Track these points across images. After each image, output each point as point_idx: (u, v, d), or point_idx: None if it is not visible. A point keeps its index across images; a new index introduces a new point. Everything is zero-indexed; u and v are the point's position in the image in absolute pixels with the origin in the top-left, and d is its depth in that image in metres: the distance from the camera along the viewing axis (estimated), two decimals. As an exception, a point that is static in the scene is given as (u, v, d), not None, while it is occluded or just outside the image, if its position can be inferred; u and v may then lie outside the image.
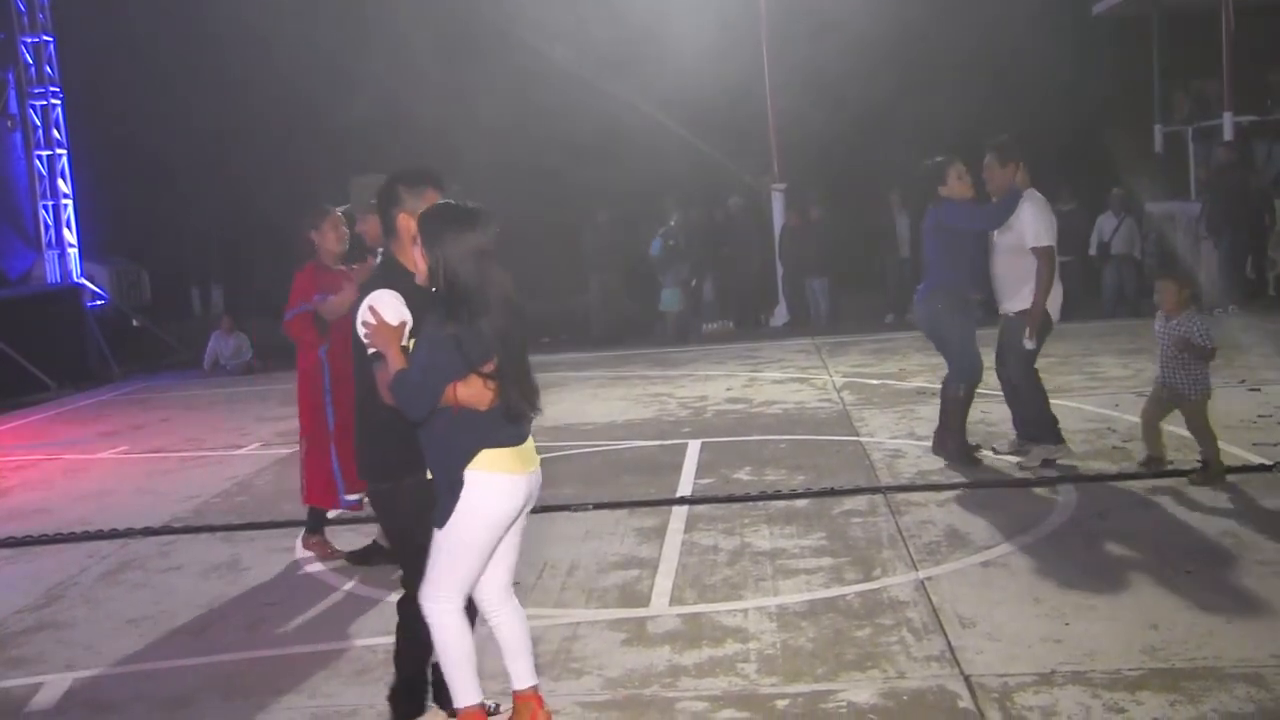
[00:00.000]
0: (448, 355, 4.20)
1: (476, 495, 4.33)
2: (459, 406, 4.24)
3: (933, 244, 8.59)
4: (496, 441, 4.33)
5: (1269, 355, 12.27)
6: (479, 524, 4.37)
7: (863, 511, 7.58)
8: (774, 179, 18.71)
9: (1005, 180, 8.31)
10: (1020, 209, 8.22)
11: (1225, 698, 4.61)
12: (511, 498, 4.41)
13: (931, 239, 8.60)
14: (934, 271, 8.60)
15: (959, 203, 8.41)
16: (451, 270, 4.24)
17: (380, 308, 4.38)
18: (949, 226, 8.40)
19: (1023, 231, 8.25)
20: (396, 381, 4.23)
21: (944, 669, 5.08)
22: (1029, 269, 8.26)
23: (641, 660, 5.42)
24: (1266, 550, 6.28)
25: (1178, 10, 19.26)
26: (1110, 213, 17.46)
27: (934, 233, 8.54)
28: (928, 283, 8.67)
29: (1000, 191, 8.33)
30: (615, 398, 12.65)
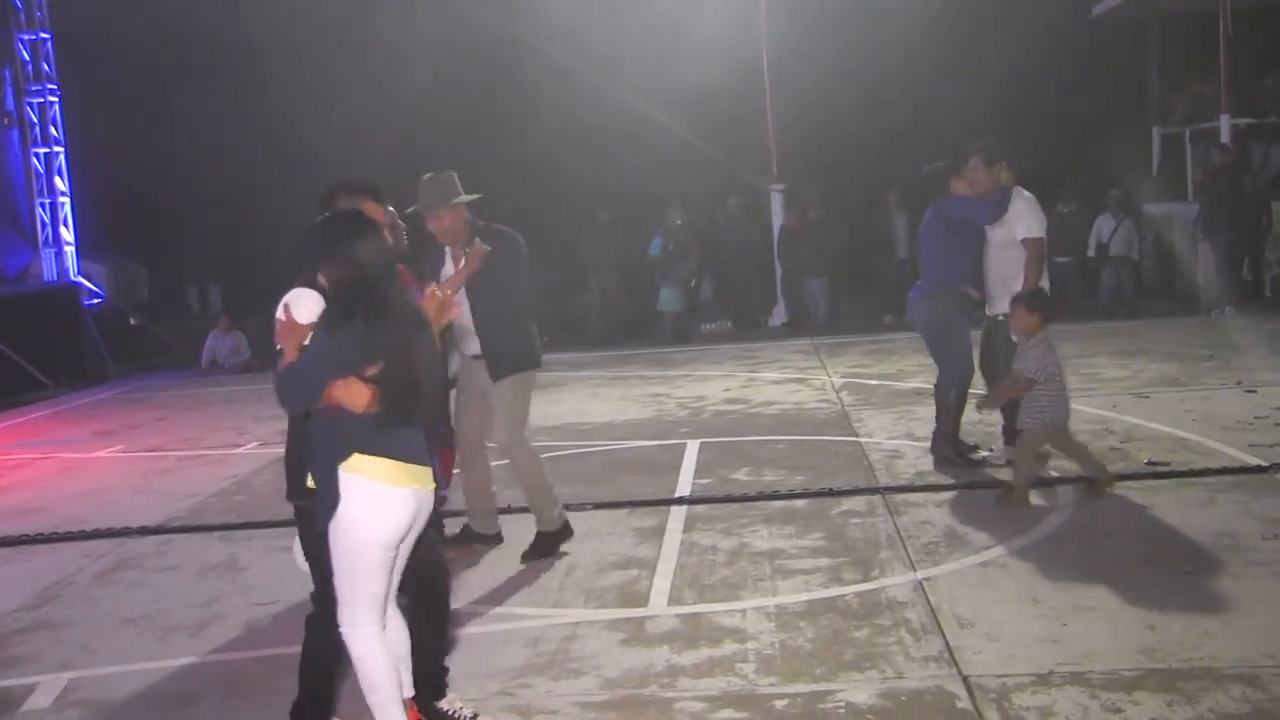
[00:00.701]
0: (328, 355, 4.20)
1: (356, 505, 4.24)
2: (335, 407, 4.22)
3: (937, 241, 8.57)
4: (372, 448, 4.24)
5: (1265, 356, 12.29)
6: (365, 537, 4.27)
7: (861, 512, 7.59)
8: (773, 179, 18.71)
9: (992, 180, 8.38)
10: (1014, 202, 8.32)
11: (1222, 698, 4.62)
12: (391, 512, 4.28)
13: (935, 236, 8.59)
14: (937, 269, 8.58)
15: (963, 196, 8.44)
16: (338, 276, 4.29)
17: (295, 306, 4.40)
18: (954, 218, 8.43)
19: (1014, 225, 8.31)
20: (279, 374, 4.25)
21: (942, 669, 5.08)
22: (1016, 268, 8.29)
23: (640, 660, 5.42)
24: (1263, 551, 6.29)
25: (1175, 13, 19.30)
26: (1108, 214, 17.47)
27: (938, 228, 8.55)
28: (929, 281, 8.64)
29: (988, 192, 8.38)
30: (614, 398, 12.66)
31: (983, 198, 8.39)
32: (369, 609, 4.36)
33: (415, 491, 4.33)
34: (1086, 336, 14.54)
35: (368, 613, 4.36)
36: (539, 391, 13.05)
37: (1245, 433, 9.00)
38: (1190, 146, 18.73)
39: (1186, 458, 8.36)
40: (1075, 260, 17.72)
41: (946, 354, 8.65)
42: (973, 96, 19.38)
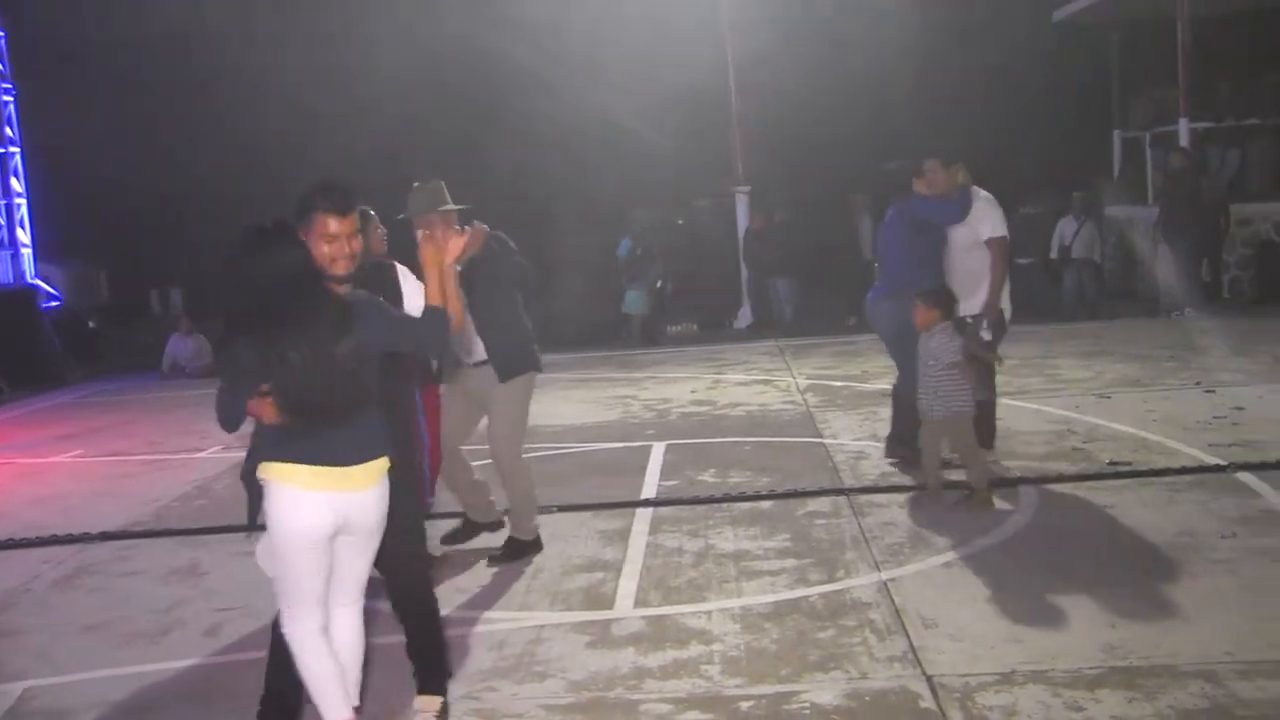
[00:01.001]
0: (231, 373, 4.31)
1: (274, 507, 4.30)
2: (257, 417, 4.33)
3: (900, 241, 8.52)
4: (286, 455, 4.27)
5: (1224, 357, 12.42)
6: (284, 539, 4.32)
7: (826, 513, 7.61)
8: (738, 182, 18.75)
9: (950, 181, 8.43)
10: (975, 203, 8.38)
11: (1181, 695, 4.66)
12: (304, 514, 4.28)
13: (898, 236, 8.53)
14: (899, 269, 8.49)
15: (924, 196, 8.46)
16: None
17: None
18: (919, 219, 8.42)
19: (978, 225, 8.36)
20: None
21: (906, 669, 5.10)
22: (985, 265, 8.38)
23: (606, 663, 5.42)
24: (1221, 550, 6.35)
25: (1135, 19, 19.47)
26: (1071, 216, 17.61)
27: (901, 228, 8.49)
28: (889, 282, 8.59)
29: (947, 193, 8.41)
30: (580, 400, 12.65)
31: (946, 198, 8.42)
32: (301, 608, 4.37)
33: (331, 494, 4.30)
34: (1049, 338, 14.66)
35: (299, 611, 4.37)
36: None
37: (1205, 432, 9.09)
38: (1150, 150, 18.91)
39: (1147, 457, 8.43)
40: (1038, 262, 17.85)
41: (910, 356, 8.62)
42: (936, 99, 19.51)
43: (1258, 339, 13.44)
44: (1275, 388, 10.65)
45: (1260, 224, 17.25)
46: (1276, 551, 6.27)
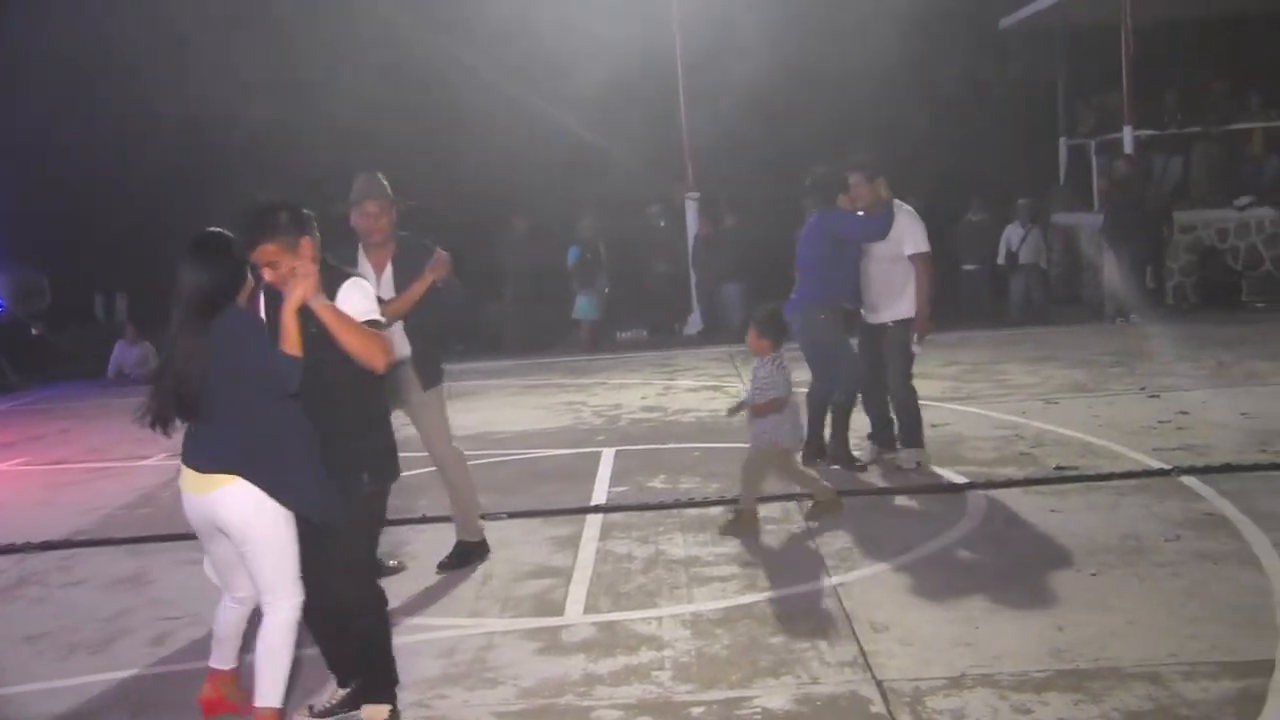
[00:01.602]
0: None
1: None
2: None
3: (819, 253, 8.50)
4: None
5: (1168, 362, 12.58)
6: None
7: (776, 519, 7.63)
8: (688, 187, 18.78)
9: (874, 195, 8.47)
10: (898, 218, 8.41)
11: (1126, 696, 4.71)
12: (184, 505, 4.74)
13: (818, 248, 8.51)
14: (818, 281, 8.52)
15: (848, 212, 8.50)
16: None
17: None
18: (840, 235, 8.45)
19: (901, 239, 8.44)
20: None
21: (856, 674, 5.12)
22: (906, 276, 8.45)
23: (556, 669, 5.40)
24: (1166, 552, 6.42)
25: (1080, 27, 19.69)
26: (1017, 223, 17.77)
27: (822, 241, 8.48)
28: (806, 292, 8.58)
29: (871, 206, 8.45)
30: (530, 406, 12.62)
31: (869, 213, 8.45)
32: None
33: (187, 495, 4.68)
34: (997, 343, 14.78)
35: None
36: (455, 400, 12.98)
37: (1149, 437, 9.19)
38: (1095, 157, 19.13)
39: (1093, 462, 8.52)
40: (985, 268, 18.00)
41: (833, 365, 8.60)
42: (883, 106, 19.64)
43: (1200, 344, 13.63)
44: (1218, 392, 10.80)
45: (1202, 230, 17.51)
46: (1218, 554, 6.35)
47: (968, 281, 18.16)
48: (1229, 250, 17.44)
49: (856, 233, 8.46)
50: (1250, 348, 13.19)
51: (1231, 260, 17.40)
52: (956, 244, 18.07)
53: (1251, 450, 8.55)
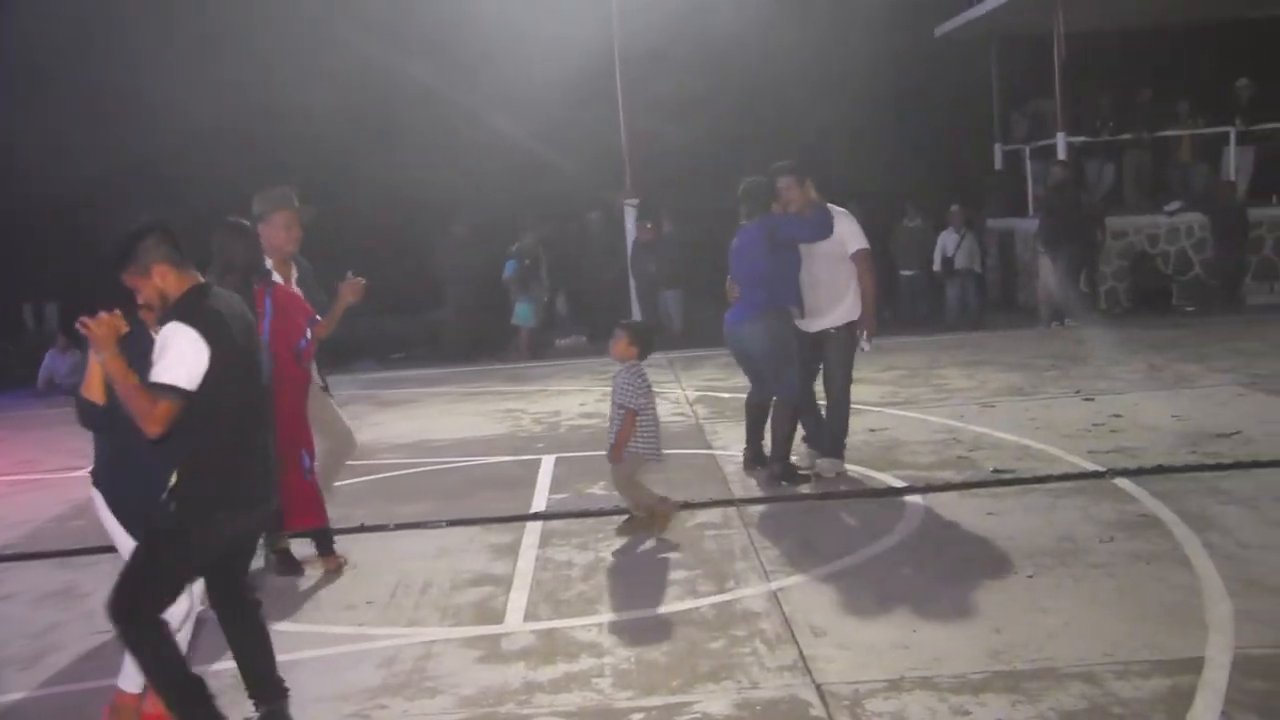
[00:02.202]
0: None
1: None
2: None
3: (766, 259, 8.36)
4: None
5: (1102, 366, 12.74)
6: None
7: (716, 524, 7.64)
8: (627, 193, 18.79)
9: (805, 197, 8.46)
10: (836, 218, 8.47)
11: (1062, 696, 4.76)
12: None
13: (764, 253, 8.37)
14: (766, 287, 8.38)
15: (791, 216, 8.46)
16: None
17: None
18: (787, 239, 8.39)
19: (844, 238, 8.44)
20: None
21: (796, 678, 5.14)
22: (850, 277, 8.48)
23: (496, 678, 5.37)
24: (1100, 554, 6.50)
25: (1013, 34, 19.92)
26: (951, 229, 17.92)
27: (765, 246, 8.36)
28: (759, 299, 8.40)
29: (803, 209, 8.44)
30: (469, 413, 12.56)
31: (805, 216, 8.45)
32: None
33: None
34: (934, 348, 14.90)
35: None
36: (393, 408, 12.91)
37: (1084, 439, 9.30)
38: (1030, 163, 19.36)
39: (1030, 465, 8.60)
40: (921, 274, 18.15)
41: (785, 371, 8.46)
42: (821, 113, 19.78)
43: (1133, 348, 13.81)
44: (1150, 395, 10.95)
45: (1134, 236, 17.77)
46: (1151, 554, 6.44)
47: (905, 287, 18.31)
48: (1160, 255, 17.72)
49: (804, 234, 8.40)
50: (1180, 351, 13.40)
51: (1162, 265, 17.67)
52: (893, 250, 18.22)
53: (1182, 452, 8.68)
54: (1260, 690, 4.72)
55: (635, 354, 7.53)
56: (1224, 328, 15.07)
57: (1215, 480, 7.85)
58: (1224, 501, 7.34)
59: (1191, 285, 17.71)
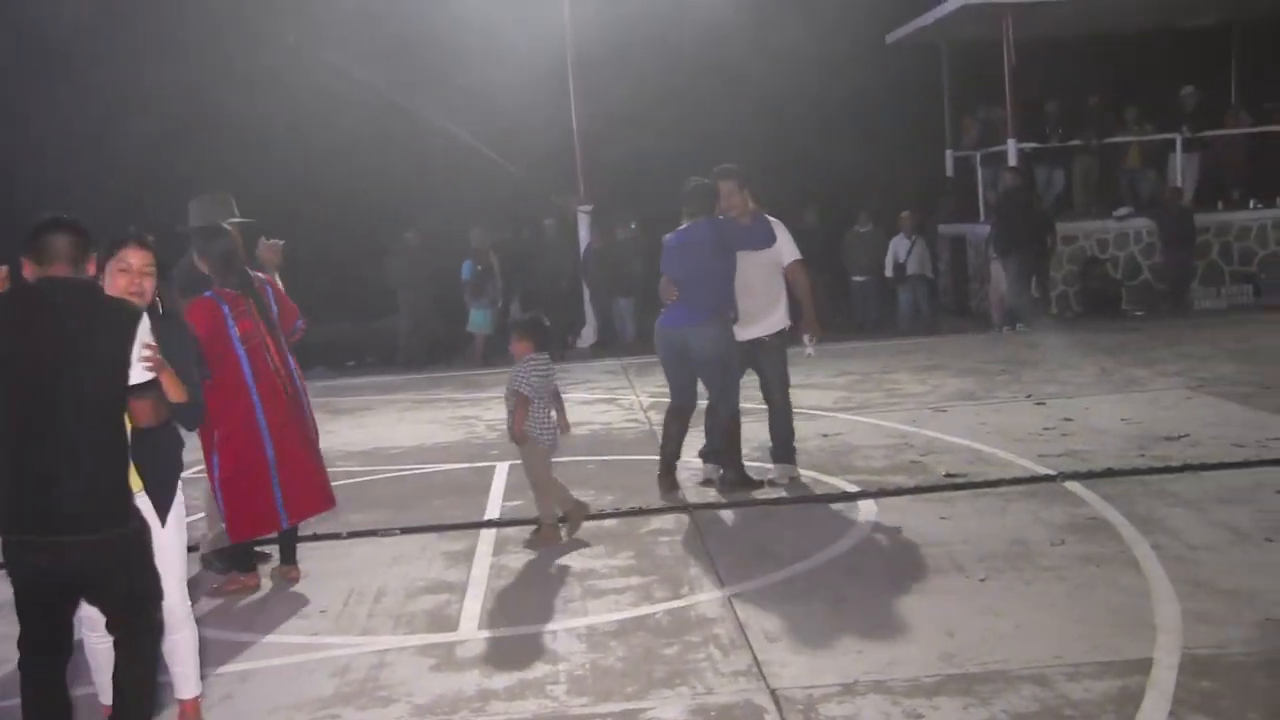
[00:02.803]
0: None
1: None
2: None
3: (711, 264, 8.24)
4: None
5: (1053, 370, 12.86)
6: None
7: (670, 530, 7.65)
8: (580, 200, 18.79)
9: (745, 204, 8.42)
10: (774, 228, 8.47)
11: (1014, 699, 4.80)
12: None
13: (709, 259, 8.25)
14: (713, 292, 8.26)
15: (737, 221, 8.42)
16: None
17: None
18: (732, 245, 8.31)
19: (780, 249, 8.44)
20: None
21: (751, 683, 5.15)
22: (780, 288, 8.48)
23: (451, 685, 5.36)
24: (1051, 557, 6.56)
25: (964, 42, 20.10)
26: (903, 234, 18.04)
27: (714, 250, 8.26)
28: (704, 303, 8.25)
29: (741, 215, 8.40)
30: (423, 420, 12.51)
31: (748, 223, 8.43)
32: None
33: None
34: (886, 353, 15.00)
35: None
36: (347, 415, 12.84)
37: (1035, 443, 9.38)
38: (981, 169, 19.51)
39: (982, 469, 8.67)
40: (873, 279, 18.25)
41: (728, 379, 8.41)
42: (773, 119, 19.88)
43: (1083, 352, 13.95)
44: (1100, 399, 11.07)
45: (1084, 241, 17.96)
46: (1101, 557, 6.51)
47: (857, 292, 18.41)
48: (1109, 260, 17.91)
49: (752, 241, 8.36)
50: (1130, 355, 13.55)
51: (1111, 269, 17.86)
52: (845, 255, 18.32)
53: (1132, 455, 8.78)
54: (1207, 690, 4.78)
55: (531, 347, 7.62)
56: (1172, 331, 15.27)
57: (1163, 483, 7.94)
58: (1172, 504, 7.43)
59: (1140, 290, 17.94)
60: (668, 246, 8.55)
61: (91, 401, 4.20)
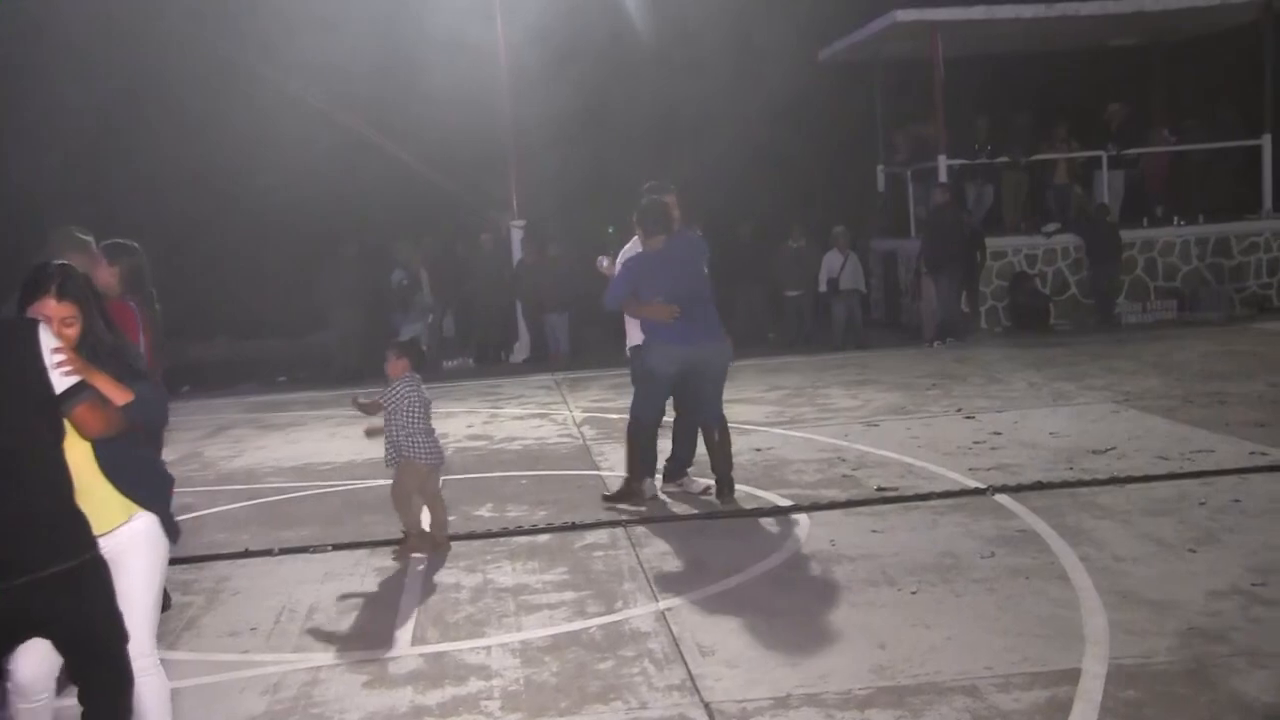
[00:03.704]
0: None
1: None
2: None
3: (705, 279, 8.34)
4: None
5: (982, 384, 13.00)
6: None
7: (604, 545, 7.65)
8: (513, 215, 18.76)
9: (678, 217, 8.45)
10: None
11: (945, 710, 4.84)
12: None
13: (704, 273, 8.35)
14: (714, 308, 8.35)
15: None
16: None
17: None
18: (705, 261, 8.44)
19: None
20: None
21: (685, 697, 5.16)
22: None
23: (384, 702, 5.32)
24: (981, 569, 6.63)
25: (895, 59, 20.32)
26: (836, 250, 18.17)
27: (703, 266, 8.37)
28: (717, 322, 8.33)
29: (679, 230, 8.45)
30: (355, 436, 12.35)
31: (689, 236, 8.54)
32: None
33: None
34: (819, 368, 15.10)
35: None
36: (278, 431, 12.70)
37: (965, 457, 9.48)
38: (912, 185, 19.73)
39: (913, 482, 8.74)
40: (806, 293, 18.36)
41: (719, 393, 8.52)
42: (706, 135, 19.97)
43: (1012, 366, 14.13)
44: (1028, 413, 11.20)
45: (1013, 256, 18.20)
46: (1030, 569, 6.59)
47: (789, 307, 18.51)
48: (1038, 275, 18.16)
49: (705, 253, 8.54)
50: (1058, 369, 13.74)
51: (1040, 285, 18.11)
52: (778, 270, 18.42)
53: (1060, 468, 8.90)
54: (1133, 699, 4.85)
55: (407, 367, 7.68)
56: (1099, 346, 15.50)
57: (1091, 495, 8.06)
58: (1099, 516, 7.54)
59: (1068, 305, 18.21)
60: (646, 264, 8.30)
61: (15, 423, 3.89)
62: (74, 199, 15.05)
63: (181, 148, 18.14)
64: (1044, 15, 17.80)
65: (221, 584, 7.27)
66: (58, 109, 17.70)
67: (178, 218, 17.43)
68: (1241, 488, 8.04)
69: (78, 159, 17.58)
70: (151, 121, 18.15)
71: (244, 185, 18.33)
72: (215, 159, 18.11)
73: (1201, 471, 8.50)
